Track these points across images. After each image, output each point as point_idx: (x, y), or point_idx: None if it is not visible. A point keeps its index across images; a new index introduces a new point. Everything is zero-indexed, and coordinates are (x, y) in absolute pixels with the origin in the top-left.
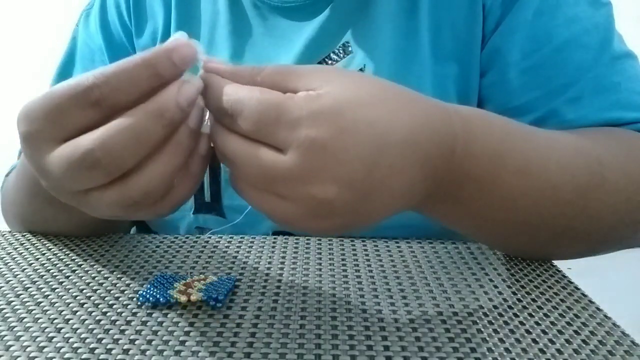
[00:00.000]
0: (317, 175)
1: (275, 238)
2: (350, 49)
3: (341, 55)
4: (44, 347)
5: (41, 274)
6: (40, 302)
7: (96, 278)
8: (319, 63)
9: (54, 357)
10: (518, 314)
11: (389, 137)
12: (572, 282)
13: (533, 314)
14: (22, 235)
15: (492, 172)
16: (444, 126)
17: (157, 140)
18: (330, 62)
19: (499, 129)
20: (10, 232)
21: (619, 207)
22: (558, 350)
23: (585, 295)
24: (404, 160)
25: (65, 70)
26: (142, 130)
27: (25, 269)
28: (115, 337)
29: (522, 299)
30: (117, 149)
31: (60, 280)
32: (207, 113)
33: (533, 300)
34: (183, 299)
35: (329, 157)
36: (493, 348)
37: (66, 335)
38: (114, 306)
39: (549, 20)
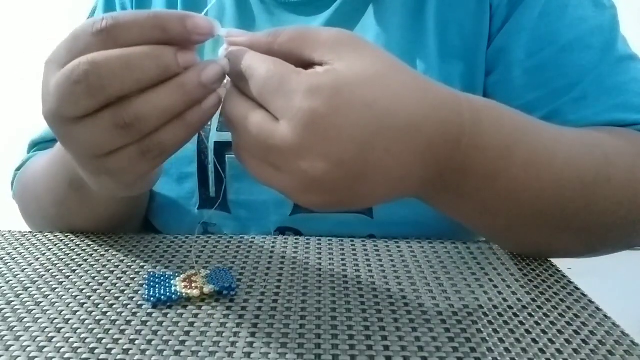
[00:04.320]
0: (307, 150)
1: (275, 238)
2: None
3: None
4: (44, 347)
5: (41, 274)
6: (40, 302)
7: (96, 278)
8: None
9: (54, 357)
10: (518, 313)
11: (387, 120)
12: (572, 282)
13: (533, 313)
14: (22, 235)
15: (498, 165)
16: (452, 116)
17: (150, 77)
18: None
19: (509, 121)
20: (10, 232)
21: (623, 204)
22: (558, 350)
23: (585, 295)
24: (402, 146)
25: None
26: (137, 62)
27: (25, 269)
28: (115, 337)
29: (521, 298)
30: (106, 69)
31: (60, 280)
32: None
33: (533, 300)
34: (195, 293)
35: (321, 133)
36: (493, 348)
37: (66, 335)
38: (114, 306)
39: (554, 21)
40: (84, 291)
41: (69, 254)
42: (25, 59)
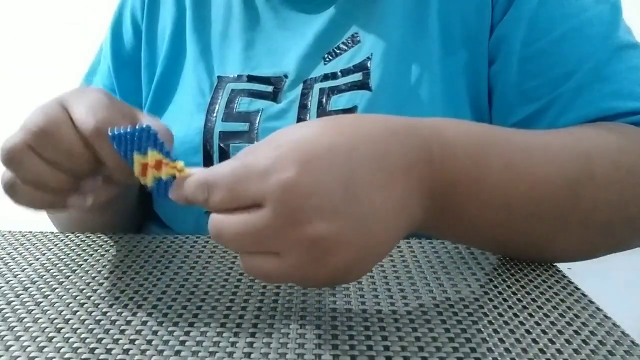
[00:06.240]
0: (300, 215)
1: None
2: (358, 38)
3: (350, 45)
4: (44, 347)
5: (41, 274)
6: (40, 302)
7: (96, 278)
8: (329, 53)
9: (54, 357)
10: (518, 314)
11: (354, 154)
12: (572, 282)
13: (533, 314)
14: (22, 235)
15: (476, 171)
16: (409, 137)
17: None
18: (339, 51)
19: (475, 130)
20: (10, 232)
21: (612, 201)
22: (558, 350)
23: (585, 295)
24: (382, 173)
25: (89, 79)
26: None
27: (25, 269)
28: (115, 337)
29: (522, 299)
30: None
31: (60, 280)
32: None
33: (533, 300)
34: (137, 171)
35: (304, 193)
36: (493, 348)
37: (66, 335)
38: (114, 306)
39: (553, 10)
40: (84, 291)
41: (69, 254)
42: (26, 60)
